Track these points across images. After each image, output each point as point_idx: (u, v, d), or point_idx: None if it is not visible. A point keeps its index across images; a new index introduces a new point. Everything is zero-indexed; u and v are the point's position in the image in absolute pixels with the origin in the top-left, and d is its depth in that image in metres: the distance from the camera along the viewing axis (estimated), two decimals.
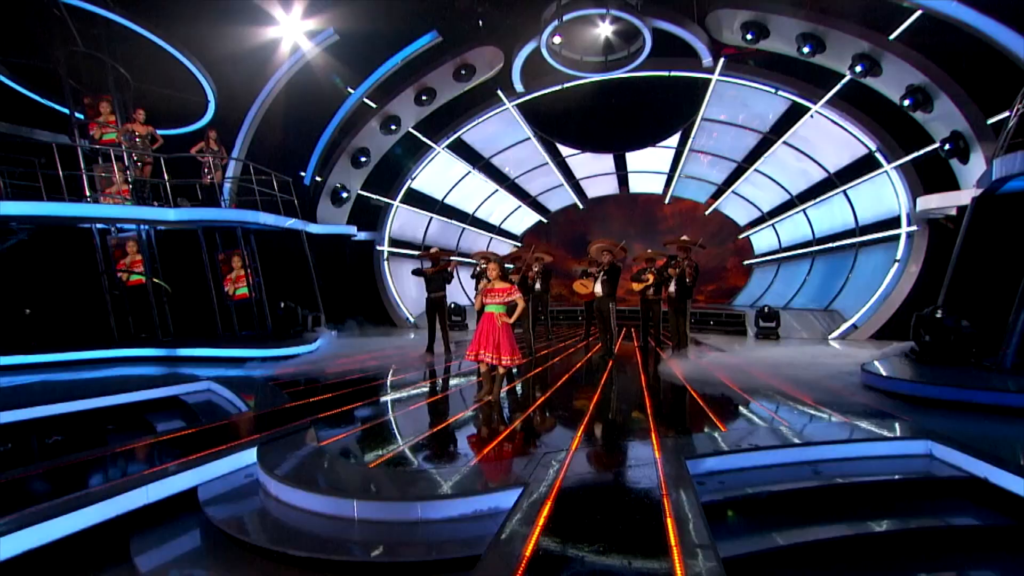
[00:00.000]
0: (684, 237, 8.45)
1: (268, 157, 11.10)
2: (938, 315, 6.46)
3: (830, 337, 11.28)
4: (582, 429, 4.61)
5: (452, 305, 13.51)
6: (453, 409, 5.55)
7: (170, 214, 8.72)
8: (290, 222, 10.96)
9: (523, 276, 8.95)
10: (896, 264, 10.87)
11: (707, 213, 15.93)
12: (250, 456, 4.22)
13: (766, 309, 11.71)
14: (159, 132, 9.47)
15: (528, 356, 8.63)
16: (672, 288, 8.24)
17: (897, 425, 4.73)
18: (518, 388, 6.61)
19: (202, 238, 9.68)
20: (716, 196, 15.58)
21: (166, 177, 8.92)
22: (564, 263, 15.03)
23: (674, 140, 14.35)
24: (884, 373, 6.15)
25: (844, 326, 11.31)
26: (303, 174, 13.46)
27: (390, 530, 3.10)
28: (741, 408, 5.44)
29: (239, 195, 11.01)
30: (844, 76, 10.74)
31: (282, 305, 10.41)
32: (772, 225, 14.65)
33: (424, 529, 3.08)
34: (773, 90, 12.06)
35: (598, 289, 8.42)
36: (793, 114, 12.27)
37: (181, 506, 3.62)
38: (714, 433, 4.50)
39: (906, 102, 9.59)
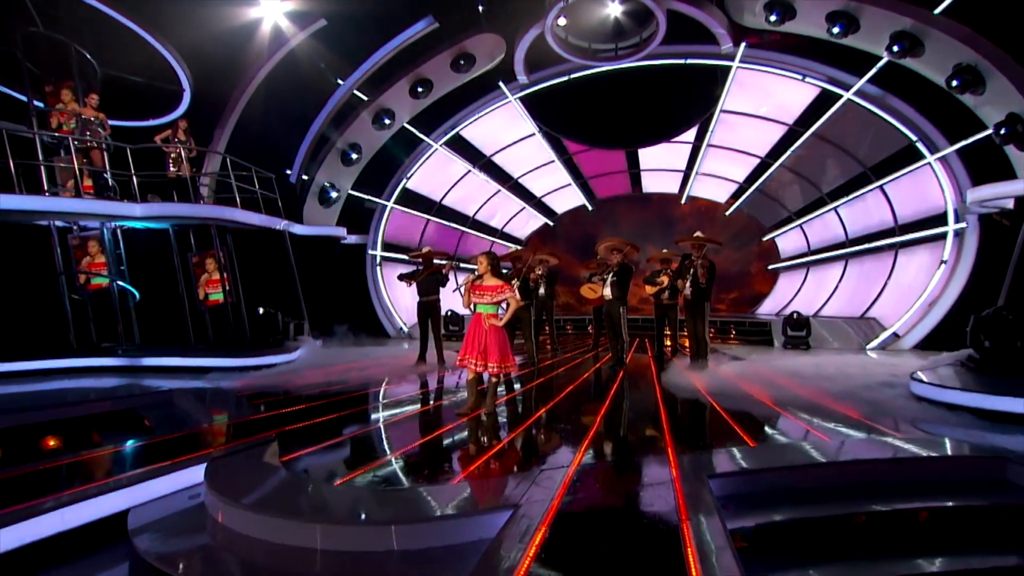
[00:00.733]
0: (697, 233, 8.11)
1: (250, 152, 10.85)
2: (1003, 315, 6.01)
3: (868, 347, 10.87)
4: (586, 444, 4.29)
5: (449, 313, 13.18)
6: (439, 423, 5.36)
7: (136, 209, 8.49)
8: (282, 224, 10.68)
9: (524, 278, 8.63)
10: (942, 266, 10.47)
11: (727, 213, 15.60)
12: (197, 474, 3.87)
13: (795, 316, 11.31)
14: (129, 124, 9.28)
15: (531, 366, 8.42)
16: (687, 291, 7.86)
17: (960, 442, 4.30)
18: (517, 400, 6.38)
19: (173, 237, 9.45)
20: (737, 195, 15.26)
21: (132, 170, 8.67)
22: (571, 268, 14.72)
23: (691, 134, 14.05)
24: (939, 382, 5.73)
25: (883, 335, 10.88)
26: (289, 172, 13.26)
27: (359, 561, 2.80)
28: (772, 422, 5.14)
29: (218, 192, 10.79)
30: (881, 58, 10.40)
31: (260, 311, 10.13)
32: (800, 225, 14.29)
33: (398, 559, 2.78)
34: (800, 77, 11.78)
35: (607, 292, 8.13)
36: (822, 103, 11.92)
37: (106, 534, 3.25)
38: (741, 449, 4.13)
39: (954, 83, 9.20)
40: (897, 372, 7.16)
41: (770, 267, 15.29)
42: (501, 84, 13.46)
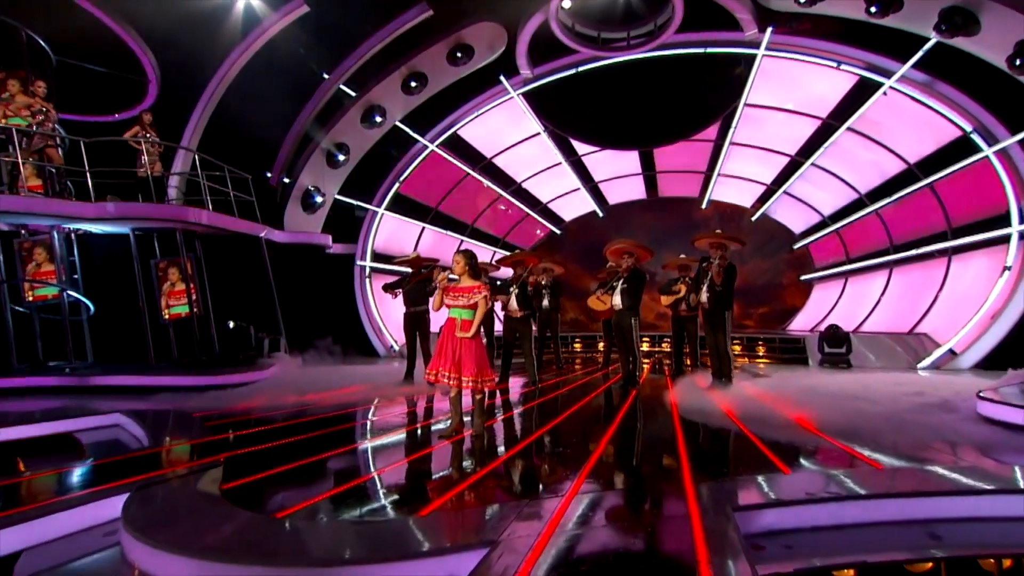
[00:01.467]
0: (718, 231, 7.70)
1: (225, 151, 10.72)
2: None
3: (919, 366, 10.38)
4: (586, 471, 3.93)
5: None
6: (417, 447, 5.01)
7: (87, 209, 8.27)
8: (263, 232, 10.54)
9: (523, 284, 8.26)
10: (1005, 272, 9.99)
11: (753, 219, 15.31)
12: (118, 506, 3.51)
13: (832, 330, 10.89)
14: (90, 119, 9.11)
15: (532, 385, 8.13)
16: (704, 297, 7.39)
17: None
18: (510, 421, 6.10)
19: (134, 243, 9.24)
20: (764, 199, 14.97)
21: (86, 167, 8.44)
22: (580, 280, 14.35)
23: (711, 132, 13.83)
24: (1014, 401, 5.28)
25: (937, 352, 10.38)
26: (269, 175, 13.13)
27: None
28: (809, 447, 4.71)
29: (188, 194, 10.62)
30: (928, 39, 10.08)
31: (231, 325, 10.08)
32: (836, 231, 13.93)
33: None
34: (835, 64, 11.47)
35: (616, 301, 7.76)
36: (861, 93, 11.58)
37: None
38: (773, 478, 3.73)
39: (1016, 62, 8.81)
40: (958, 392, 6.76)
41: (803, 278, 14.94)
42: (502, 78, 13.35)
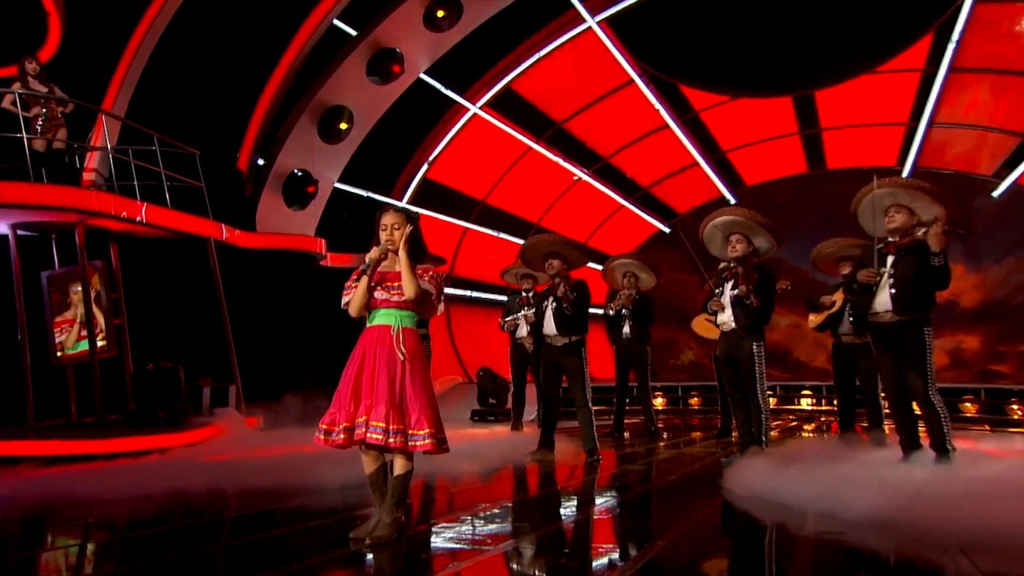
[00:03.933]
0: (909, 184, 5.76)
1: (168, 121, 10.66)
2: None
3: None
4: None
5: (481, 373, 12.63)
6: (326, 545, 4.28)
7: None
8: (222, 231, 10.47)
9: (578, 286, 7.26)
10: None
11: (995, 194, 14.07)
12: None
13: None
14: None
15: (590, 455, 7.33)
16: (882, 299, 5.34)
17: None
18: (506, 510, 5.20)
19: (15, 247, 9.10)
20: (1016, 160, 13.64)
21: None
22: (697, 299, 13.02)
23: (916, 54, 12.64)
24: None
25: None
26: (239, 156, 13.19)
27: None
28: None
29: (112, 179, 10.56)
30: None
31: (151, 367, 9.81)
32: None
33: None
34: None
35: (726, 317, 6.53)
36: None
37: None
38: None
39: None
40: None
41: None
42: (574, 0, 12.85)
